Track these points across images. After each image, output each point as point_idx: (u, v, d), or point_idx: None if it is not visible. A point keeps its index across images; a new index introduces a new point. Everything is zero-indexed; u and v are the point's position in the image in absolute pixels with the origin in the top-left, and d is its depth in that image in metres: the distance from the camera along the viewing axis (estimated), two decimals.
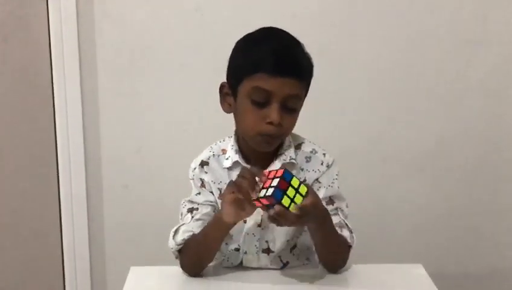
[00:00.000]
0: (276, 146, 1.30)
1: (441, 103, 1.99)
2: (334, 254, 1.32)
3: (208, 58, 1.90)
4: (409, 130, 2.00)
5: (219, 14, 1.90)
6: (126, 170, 2.02)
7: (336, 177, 1.36)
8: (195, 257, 1.33)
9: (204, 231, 1.30)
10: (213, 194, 1.35)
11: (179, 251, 1.34)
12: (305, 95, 1.30)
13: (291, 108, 1.24)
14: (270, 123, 1.22)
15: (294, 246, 1.38)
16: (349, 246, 1.32)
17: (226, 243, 1.36)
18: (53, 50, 1.92)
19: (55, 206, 2.04)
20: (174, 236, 1.34)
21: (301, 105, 1.29)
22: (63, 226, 2.04)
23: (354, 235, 1.32)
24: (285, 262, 1.38)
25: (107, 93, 1.97)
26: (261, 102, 1.22)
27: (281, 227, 1.28)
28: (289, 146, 1.34)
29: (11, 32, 1.93)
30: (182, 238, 1.32)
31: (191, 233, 1.32)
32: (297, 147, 1.36)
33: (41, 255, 2.08)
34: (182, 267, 1.35)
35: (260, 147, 1.29)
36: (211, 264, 1.36)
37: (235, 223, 1.25)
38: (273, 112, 1.21)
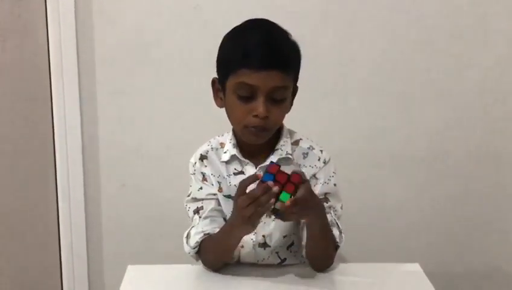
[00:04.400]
0: (268, 139, 1.31)
1: (440, 101, 1.99)
2: (322, 250, 1.32)
3: (206, 56, 1.86)
4: (407, 128, 2.00)
5: (217, 11, 1.90)
6: (124, 169, 2.02)
7: (333, 174, 1.37)
8: (213, 256, 1.34)
9: (219, 237, 1.30)
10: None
11: (197, 252, 1.35)
12: (295, 83, 1.31)
13: (278, 99, 1.25)
14: (256, 116, 1.24)
15: (292, 244, 1.38)
16: (337, 246, 1.33)
17: None
18: (51, 48, 1.92)
19: (52, 205, 2.04)
20: (187, 241, 1.35)
21: (291, 93, 1.30)
22: (60, 225, 2.04)
23: (343, 235, 1.33)
24: (282, 258, 1.39)
25: (105, 91, 1.96)
26: (247, 96, 1.24)
27: (278, 222, 1.29)
28: (286, 141, 1.35)
29: (9, 31, 1.93)
30: (195, 241, 1.33)
31: (202, 233, 1.32)
32: (295, 143, 1.37)
33: (38, 254, 2.07)
34: (205, 265, 1.36)
35: (249, 140, 1.30)
36: None
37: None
38: (259, 106, 1.23)
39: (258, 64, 1.21)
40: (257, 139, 1.30)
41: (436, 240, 2.08)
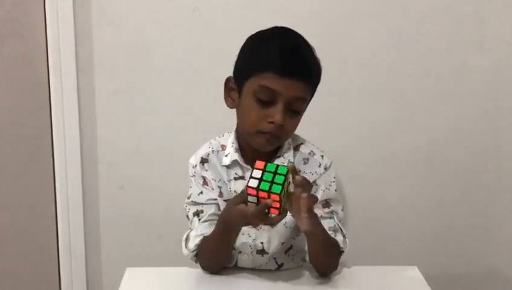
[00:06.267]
0: (275, 147, 1.30)
1: (437, 104, 1.99)
2: (326, 257, 1.31)
3: (205, 58, 1.89)
4: (405, 131, 2.00)
5: (216, 13, 1.89)
6: (122, 170, 2.01)
7: (334, 180, 1.36)
8: (213, 258, 1.33)
9: (216, 234, 1.29)
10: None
11: (196, 255, 1.34)
12: (310, 99, 1.30)
13: (295, 110, 1.24)
14: (272, 123, 1.22)
15: (290, 248, 1.37)
16: (341, 251, 1.32)
17: None
18: (50, 49, 1.92)
19: (51, 207, 2.03)
20: (186, 244, 1.34)
21: (305, 108, 1.29)
22: (58, 226, 2.03)
23: (347, 240, 1.32)
24: (280, 264, 1.38)
25: (103, 93, 1.96)
26: (266, 101, 1.22)
27: (276, 229, 1.28)
28: (288, 148, 1.34)
29: (8, 31, 1.92)
30: (194, 244, 1.32)
31: (202, 237, 1.31)
32: (296, 148, 1.35)
33: (37, 256, 2.07)
34: (203, 268, 1.35)
35: (259, 146, 1.28)
36: None
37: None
38: (277, 113, 1.21)
39: (285, 70, 1.19)
40: (267, 146, 1.28)
41: (435, 243, 2.08)
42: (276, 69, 1.19)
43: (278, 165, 1.13)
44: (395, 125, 2.00)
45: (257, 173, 1.12)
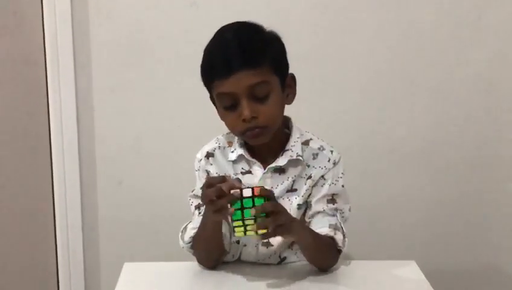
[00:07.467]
0: (274, 137, 1.29)
1: (435, 100, 1.99)
2: (322, 256, 1.32)
3: (202, 53, 1.88)
4: (403, 126, 2.00)
5: (214, 8, 1.89)
6: (120, 166, 2.01)
7: (341, 175, 1.36)
8: (203, 251, 1.34)
9: (201, 226, 1.30)
10: None
11: (191, 247, 1.34)
12: (282, 73, 1.28)
13: (261, 96, 1.23)
14: (244, 120, 1.23)
15: (294, 241, 1.37)
16: (339, 250, 1.32)
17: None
18: (47, 46, 1.92)
19: (48, 202, 2.03)
20: (182, 236, 1.35)
21: (279, 85, 1.27)
22: (56, 222, 2.03)
23: (346, 239, 1.32)
24: (282, 258, 1.39)
25: (101, 88, 1.96)
26: (231, 104, 1.24)
27: None
28: (296, 142, 1.34)
29: (5, 27, 1.92)
30: (189, 236, 1.32)
31: (196, 229, 1.32)
32: (305, 143, 1.35)
33: (34, 251, 2.07)
34: (198, 261, 1.36)
35: (253, 143, 1.30)
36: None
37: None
38: (242, 109, 1.23)
39: (223, 72, 1.21)
40: (258, 140, 1.28)
41: (433, 238, 2.08)
42: (217, 74, 1.22)
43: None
44: (394, 121, 2.00)
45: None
